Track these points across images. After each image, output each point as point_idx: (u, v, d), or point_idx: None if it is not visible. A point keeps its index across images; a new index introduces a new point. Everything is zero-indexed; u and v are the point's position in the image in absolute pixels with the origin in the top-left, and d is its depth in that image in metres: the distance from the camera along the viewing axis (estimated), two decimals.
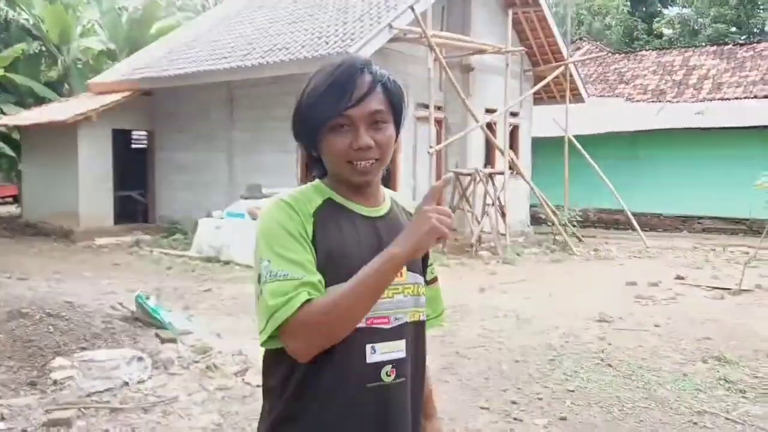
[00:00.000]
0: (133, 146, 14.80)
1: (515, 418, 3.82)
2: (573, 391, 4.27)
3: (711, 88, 16.12)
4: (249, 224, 8.99)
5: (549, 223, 12.15)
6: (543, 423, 3.75)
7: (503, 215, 11.38)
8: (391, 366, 1.23)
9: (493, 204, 11.13)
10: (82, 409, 3.60)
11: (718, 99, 15.55)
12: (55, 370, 3.97)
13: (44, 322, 4.54)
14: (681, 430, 3.66)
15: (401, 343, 1.26)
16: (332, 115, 1.20)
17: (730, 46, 17.63)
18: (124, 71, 13.72)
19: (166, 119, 13.25)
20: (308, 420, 1.22)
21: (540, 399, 4.13)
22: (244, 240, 8.80)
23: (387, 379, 1.23)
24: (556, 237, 11.76)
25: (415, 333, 1.30)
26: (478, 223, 11.04)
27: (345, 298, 1.12)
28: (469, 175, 11.25)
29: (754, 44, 17.30)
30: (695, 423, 3.76)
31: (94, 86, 13.64)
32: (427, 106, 10.87)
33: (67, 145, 12.19)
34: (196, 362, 4.33)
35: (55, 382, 3.85)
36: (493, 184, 11.26)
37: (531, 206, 14.23)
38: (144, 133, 14.05)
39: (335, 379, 1.20)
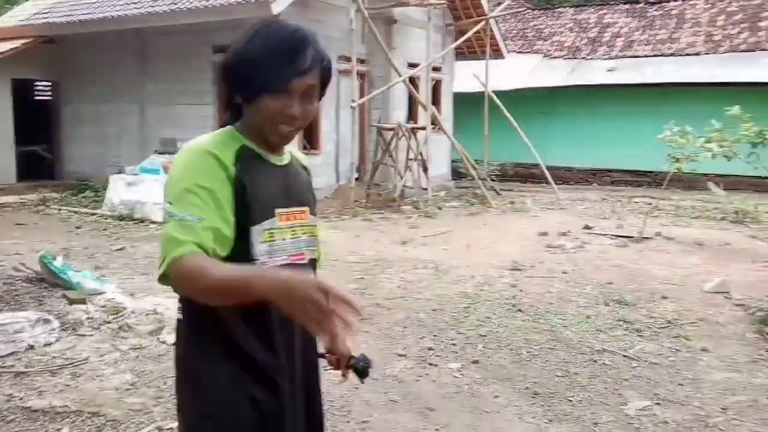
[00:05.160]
0: (37, 98, 13.82)
1: (430, 363, 3.99)
2: (485, 335, 4.49)
3: (623, 45, 16.76)
4: (163, 180, 8.68)
5: (469, 178, 12.45)
6: (456, 366, 3.94)
7: (425, 170, 11.55)
8: None
9: (415, 159, 11.25)
10: None
11: (629, 56, 16.21)
12: None
13: None
14: (582, 368, 3.94)
15: (312, 274, 1.45)
16: (279, 81, 1.29)
17: (641, 4, 18.29)
18: (23, 16, 12.67)
19: (73, 69, 12.42)
20: (234, 335, 1.34)
21: (454, 344, 4.32)
22: (159, 196, 8.48)
23: None
24: (476, 191, 12.08)
25: (313, 270, 1.49)
26: (401, 177, 11.16)
27: (213, 279, 1.17)
28: (391, 129, 11.28)
29: (664, 3, 18.02)
30: (595, 361, 4.06)
31: None
32: (349, 59, 10.73)
33: None
34: (108, 323, 4.22)
35: None
36: (416, 139, 11.36)
37: (452, 161, 14.50)
38: (48, 83, 13.13)
39: (265, 312, 1.33)
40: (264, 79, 1.29)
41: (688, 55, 15.54)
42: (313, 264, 1.49)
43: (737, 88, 13.33)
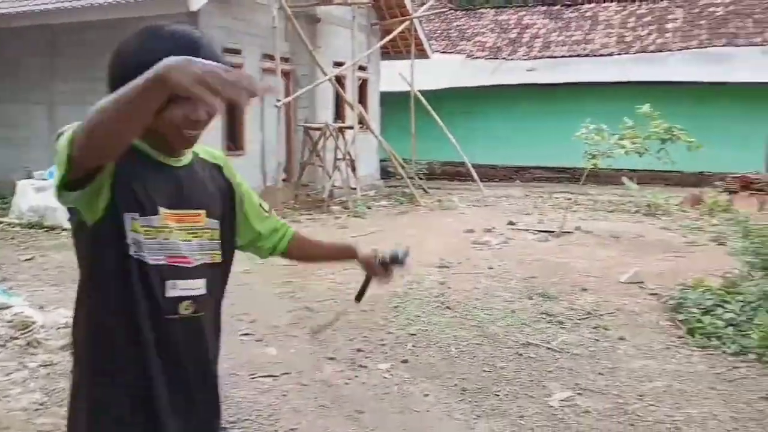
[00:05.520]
0: None
1: (360, 365, 3.97)
2: (415, 334, 4.52)
3: (541, 46, 17.34)
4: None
5: (398, 177, 12.54)
6: (386, 367, 3.94)
7: (354, 169, 11.52)
8: (189, 301, 1.35)
9: (343, 158, 11.21)
10: None
11: (548, 57, 16.79)
12: None
13: None
14: (508, 362, 4.03)
15: (202, 282, 1.38)
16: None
17: (557, 6, 18.98)
18: None
19: None
20: (106, 346, 1.32)
21: (384, 345, 4.32)
22: None
23: (185, 312, 1.35)
24: (405, 190, 12.18)
25: (212, 273, 1.41)
26: (329, 177, 11.09)
27: (109, 102, 1.09)
28: (318, 129, 11.19)
29: (579, 5, 18.77)
30: (520, 354, 4.16)
31: None
32: (273, 58, 10.55)
33: None
34: (15, 339, 3.95)
35: None
36: (344, 139, 11.31)
37: (381, 160, 14.55)
38: None
39: (136, 312, 1.30)
40: None
41: (602, 55, 16.27)
42: (215, 269, 1.42)
43: (648, 87, 14.09)
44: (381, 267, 1.62)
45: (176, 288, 1.33)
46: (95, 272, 1.33)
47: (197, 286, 1.37)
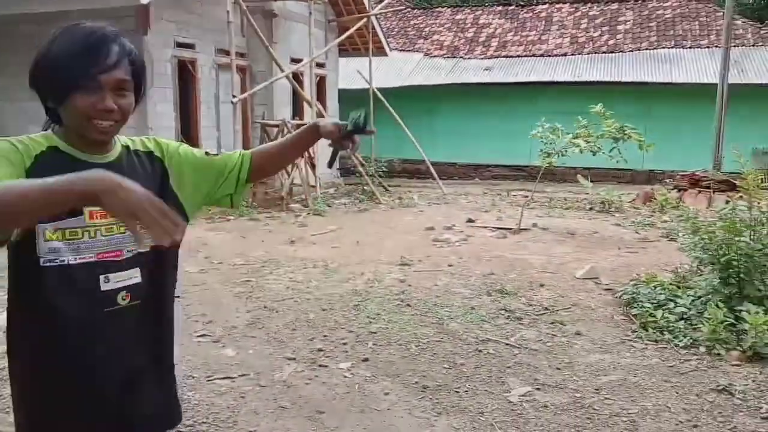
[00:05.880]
0: None
1: (320, 365, 3.92)
2: (375, 332, 4.50)
3: (497, 46, 17.56)
4: None
5: (357, 175, 12.50)
6: (347, 366, 3.91)
7: (313, 167, 11.42)
8: (125, 291, 1.38)
9: (302, 156, 11.09)
10: None
11: (504, 56, 17.02)
12: None
13: None
14: (468, 359, 4.05)
15: (135, 271, 1.40)
16: (85, 77, 1.29)
17: (513, 6, 19.26)
18: None
19: None
20: (49, 342, 1.34)
21: (345, 344, 4.28)
22: None
23: (123, 302, 1.38)
24: (365, 187, 12.15)
25: (148, 260, 1.42)
26: (288, 175, 10.97)
27: (13, 186, 1.08)
28: (276, 126, 11.05)
29: (534, 6, 19.10)
30: (480, 351, 4.19)
31: None
32: (227, 53, 10.36)
33: None
34: None
35: None
36: None
37: (340, 158, 14.47)
38: None
39: (72, 307, 1.33)
40: (70, 79, 1.30)
41: (556, 55, 16.58)
42: (151, 257, 1.42)
43: (600, 87, 14.43)
44: (346, 137, 1.56)
45: (110, 281, 1.36)
46: (19, 278, 1.35)
47: (131, 276, 1.39)
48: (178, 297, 1.79)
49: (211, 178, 1.55)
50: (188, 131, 10.65)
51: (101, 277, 1.35)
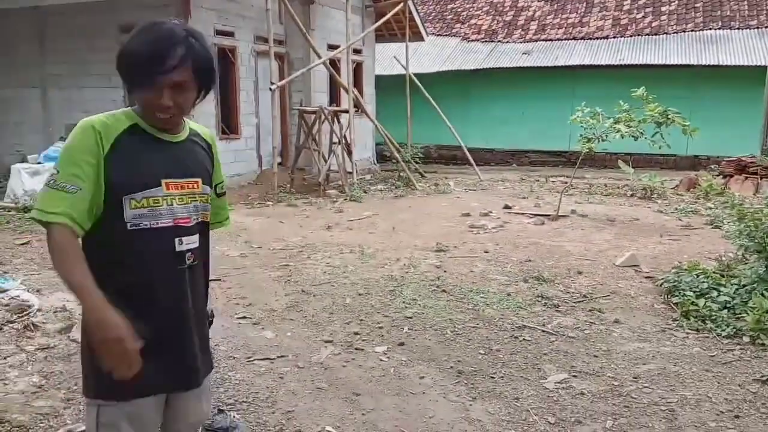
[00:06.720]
0: None
1: (357, 348, 3.98)
2: (411, 317, 4.53)
3: (536, 29, 17.24)
4: None
5: (393, 161, 12.50)
6: (382, 350, 3.95)
7: (350, 153, 11.48)
8: (190, 253, 1.69)
9: (339, 142, 11.16)
10: None
11: (543, 40, 16.70)
12: None
13: None
14: (504, 345, 4.05)
15: (196, 237, 1.71)
16: (147, 78, 1.55)
17: None
18: None
19: None
20: (131, 293, 1.61)
21: (381, 328, 4.33)
22: None
23: (189, 262, 1.69)
24: (401, 174, 12.15)
25: (203, 229, 1.75)
26: (325, 161, 11.05)
27: (62, 268, 1.54)
28: (313, 113, 11.12)
29: None
30: (516, 337, 4.18)
31: None
32: (266, 40, 10.46)
33: None
34: (12, 322, 3.94)
35: None
36: (339, 122, 11.25)
37: (377, 144, 14.49)
38: None
39: (154, 264, 1.63)
40: (136, 77, 1.57)
41: (597, 38, 16.19)
42: (204, 226, 1.75)
43: (643, 71, 14.05)
44: None
45: (182, 244, 1.66)
46: (109, 241, 1.61)
47: (195, 241, 1.69)
48: (219, 280, 2.17)
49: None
50: (228, 118, 10.82)
51: (176, 239, 1.64)
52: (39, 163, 8.99)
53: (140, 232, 1.59)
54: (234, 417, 2.98)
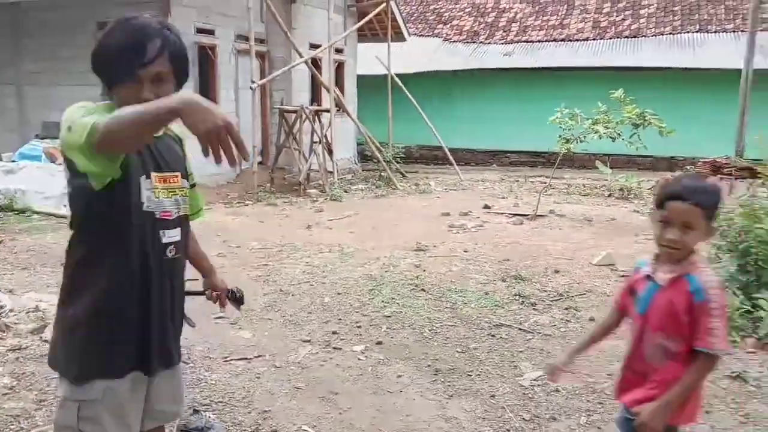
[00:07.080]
0: None
1: (335, 347, 3.98)
2: (389, 316, 4.54)
3: (518, 30, 17.36)
4: (47, 167, 8.06)
5: (374, 160, 12.51)
6: (360, 349, 3.96)
7: (330, 153, 11.47)
8: (172, 245, 1.70)
9: (320, 142, 11.14)
10: None
11: (524, 41, 16.83)
12: None
13: None
14: (481, 343, 4.08)
15: (178, 230, 1.72)
16: (127, 73, 1.54)
17: None
18: None
19: None
20: (114, 283, 1.61)
21: (359, 327, 4.34)
22: (42, 184, 7.89)
23: (170, 255, 1.70)
24: (382, 173, 12.17)
25: (184, 222, 1.77)
26: (306, 161, 11.02)
27: (131, 117, 1.36)
28: (294, 112, 11.09)
29: None
30: (493, 335, 4.21)
31: None
32: (247, 38, 10.40)
33: None
34: None
35: None
36: (320, 122, 11.23)
37: (358, 144, 14.49)
38: None
39: (143, 255, 1.63)
40: (115, 73, 1.55)
41: (577, 40, 16.36)
42: (184, 220, 1.77)
43: (621, 72, 14.22)
44: (222, 294, 2.07)
45: (165, 236, 1.68)
46: (104, 226, 1.59)
47: (176, 234, 1.71)
48: (196, 279, 2.11)
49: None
50: None
51: (161, 232, 1.66)
52: (14, 161, 8.84)
53: (149, 214, 1.63)
54: (209, 417, 2.97)
